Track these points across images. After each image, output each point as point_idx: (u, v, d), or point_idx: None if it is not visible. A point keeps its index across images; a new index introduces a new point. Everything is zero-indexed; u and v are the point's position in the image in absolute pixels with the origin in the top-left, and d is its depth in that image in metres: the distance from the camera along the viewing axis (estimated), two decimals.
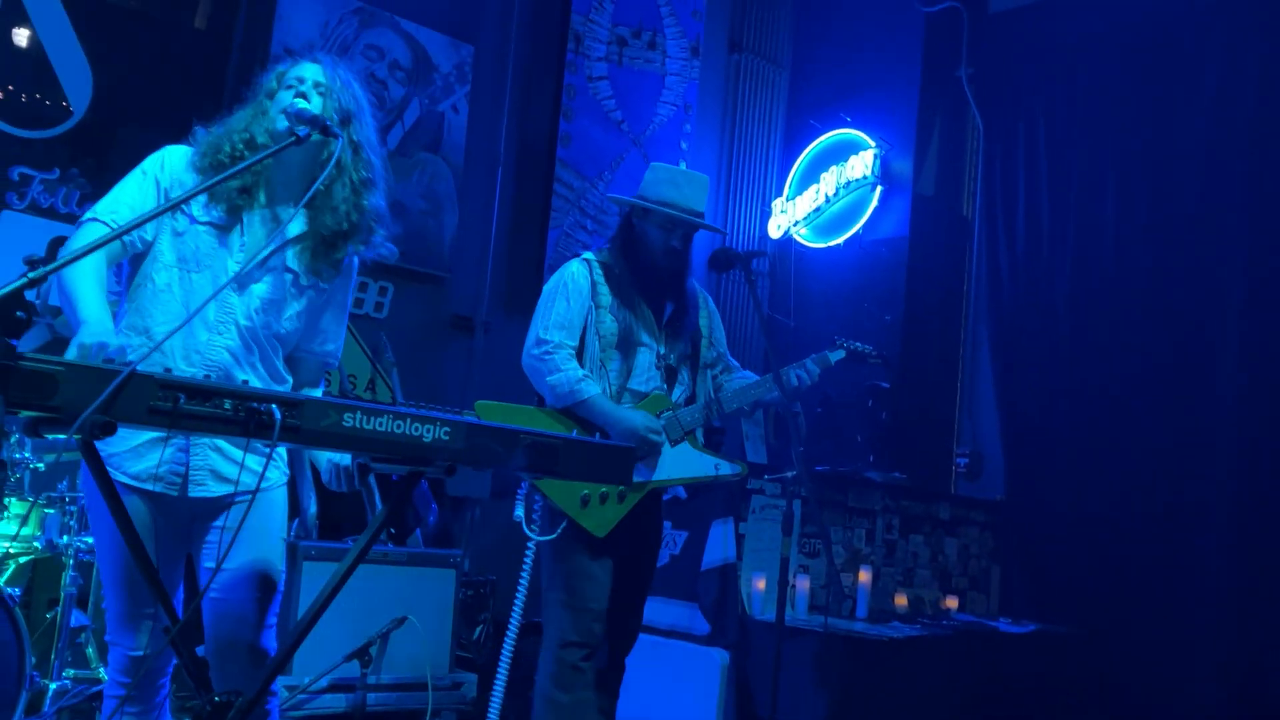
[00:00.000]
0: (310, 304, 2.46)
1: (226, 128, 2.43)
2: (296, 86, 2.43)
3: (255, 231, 2.38)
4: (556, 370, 3.28)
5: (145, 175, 2.36)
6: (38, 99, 4.67)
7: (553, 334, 3.32)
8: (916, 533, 5.79)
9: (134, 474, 2.23)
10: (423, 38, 5.77)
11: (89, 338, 1.97)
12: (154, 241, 2.32)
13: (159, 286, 2.29)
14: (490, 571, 5.30)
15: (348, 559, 2.10)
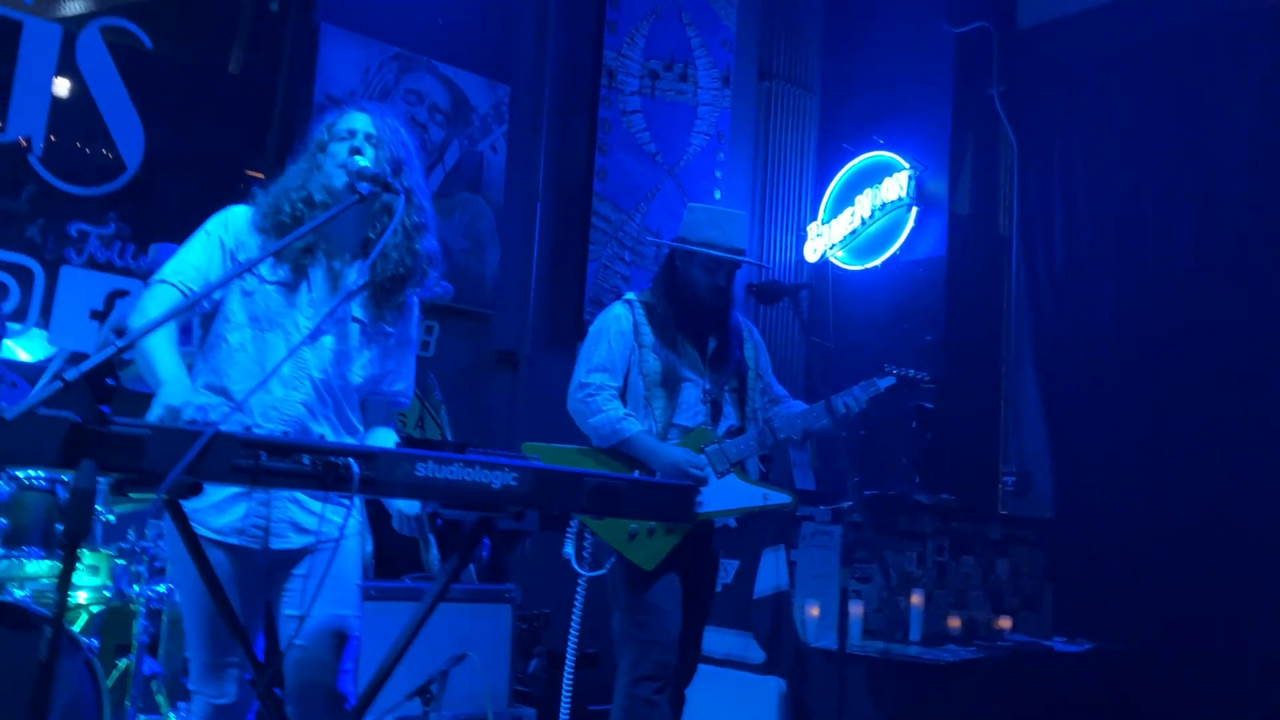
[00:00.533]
0: (379, 349, 2.52)
1: (283, 186, 2.48)
2: (348, 140, 2.49)
3: (320, 285, 2.44)
4: (598, 411, 3.35)
5: (210, 236, 2.43)
6: (93, 156, 4.80)
7: (593, 377, 3.39)
8: (967, 553, 5.77)
9: (217, 528, 2.29)
10: (460, 80, 5.87)
11: (171, 398, 2.04)
12: (222, 301, 2.38)
13: (234, 346, 2.35)
14: (542, 604, 5.33)
15: (425, 603, 2.15)
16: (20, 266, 4.58)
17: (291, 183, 2.48)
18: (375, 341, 2.51)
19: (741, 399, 3.55)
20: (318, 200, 2.41)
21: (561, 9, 6.44)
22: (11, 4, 4.64)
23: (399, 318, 2.56)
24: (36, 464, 1.95)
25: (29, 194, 4.97)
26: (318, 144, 2.53)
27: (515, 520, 2.20)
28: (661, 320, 3.47)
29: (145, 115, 4.89)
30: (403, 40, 5.66)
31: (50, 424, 1.69)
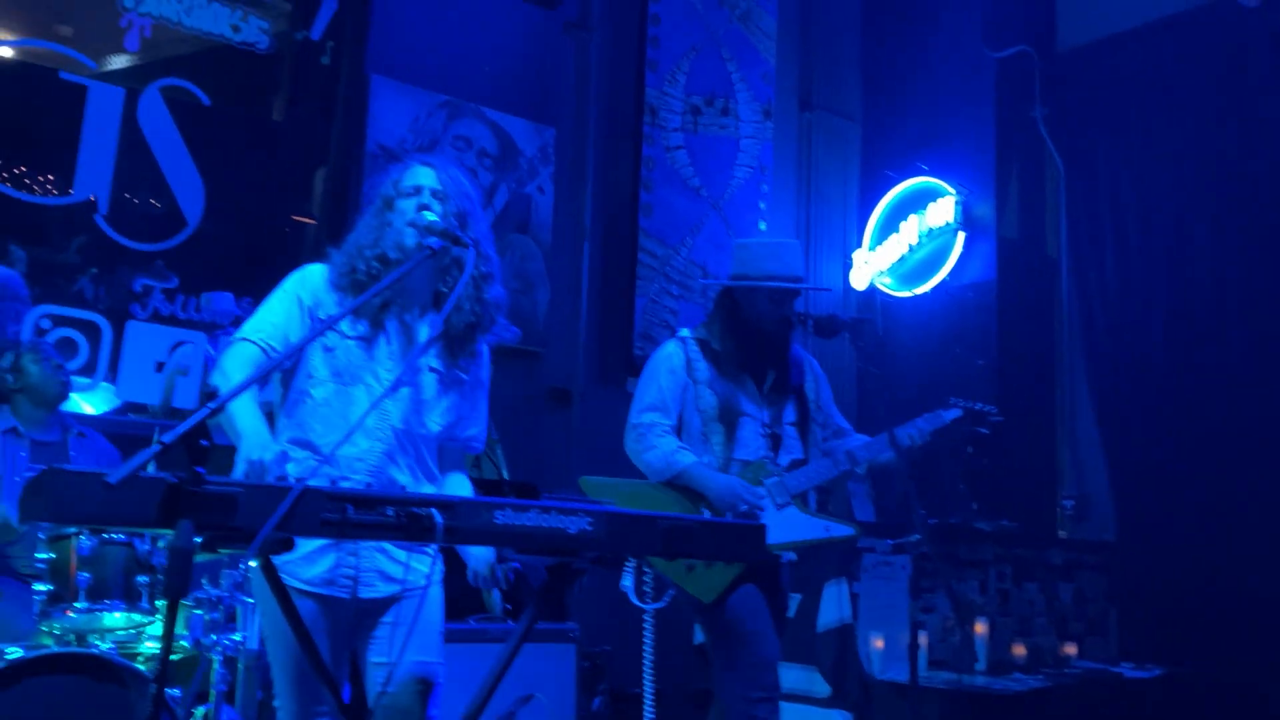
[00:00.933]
0: (455, 396, 2.57)
1: (356, 244, 2.54)
2: (415, 196, 2.54)
3: (396, 338, 2.50)
4: (651, 447, 3.39)
5: (288, 295, 2.49)
6: (156, 213, 4.93)
7: (645, 416, 3.43)
8: (1030, 580, 5.71)
9: (307, 579, 2.34)
10: (506, 124, 5.97)
11: (254, 451, 2.09)
12: (304, 358, 2.44)
13: (318, 401, 2.41)
14: (604, 641, 5.34)
15: (509, 646, 2.18)
16: (88, 323, 4.70)
17: (364, 240, 2.54)
18: (451, 389, 2.56)
19: (803, 431, 3.56)
20: (392, 258, 2.47)
21: (602, 50, 6.54)
22: (77, 69, 4.79)
23: (471, 364, 2.62)
24: (136, 525, 2.01)
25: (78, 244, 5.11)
26: (385, 200, 2.58)
27: (593, 565, 2.23)
28: (717, 355, 3.49)
29: (204, 171, 5.02)
30: (450, 88, 5.77)
31: (149, 486, 1.75)
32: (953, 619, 5.07)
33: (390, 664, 2.32)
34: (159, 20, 4.95)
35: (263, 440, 2.17)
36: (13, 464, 3.76)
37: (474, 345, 2.61)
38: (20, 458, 3.79)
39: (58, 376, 3.92)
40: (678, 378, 3.47)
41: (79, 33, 5.18)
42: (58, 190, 4.78)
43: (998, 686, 4.51)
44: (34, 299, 4.74)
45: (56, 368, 3.92)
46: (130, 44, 4.89)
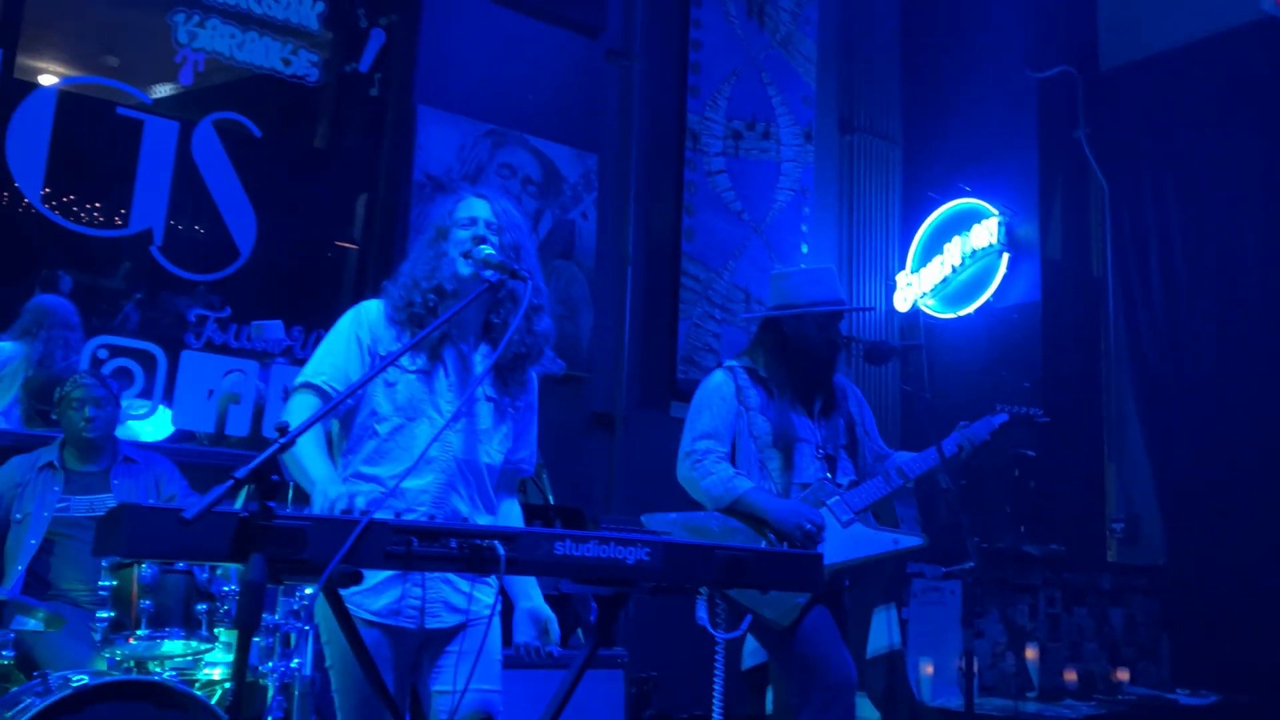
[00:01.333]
0: (510, 424, 2.61)
1: (412, 277, 2.56)
2: (471, 228, 2.57)
3: (454, 370, 2.53)
4: (708, 475, 3.39)
5: (347, 335, 2.51)
6: (209, 244, 5.03)
7: (700, 444, 3.44)
8: (1080, 605, 5.66)
9: (375, 610, 2.37)
10: (550, 152, 6.03)
11: (331, 490, 2.13)
12: (365, 396, 2.47)
13: (383, 436, 2.44)
14: (650, 667, 5.34)
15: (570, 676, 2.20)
16: (145, 352, 4.79)
17: (420, 272, 2.56)
18: (507, 418, 2.59)
19: (853, 453, 3.58)
20: (448, 289, 2.50)
21: (644, 77, 6.59)
22: (133, 105, 4.90)
23: (522, 392, 2.65)
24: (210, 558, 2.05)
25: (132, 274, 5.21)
26: (439, 230, 2.61)
27: (651, 595, 2.24)
28: (766, 382, 3.51)
29: (256, 201, 5.12)
30: (495, 117, 5.84)
31: (222, 521, 1.79)
32: (1003, 644, 5.02)
33: (453, 692, 2.34)
34: (212, 55, 5.06)
35: (334, 485, 2.22)
36: (41, 498, 3.80)
37: (524, 374, 2.63)
38: (53, 491, 3.83)
39: (84, 431, 3.88)
40: (730, 406, 3.48)
41: (134, 67, 5.31)
42: (115, 222, 4.89)
43: (1050, 713, 4.47)
44: (89, 329, 4.85)
45: (88, 421, 3.89)
46: (184, 78, 5.00)
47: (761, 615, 3.27)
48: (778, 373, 3.50)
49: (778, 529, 3.34)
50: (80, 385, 3.95)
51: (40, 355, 4.55)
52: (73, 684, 2.93)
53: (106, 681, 2.99)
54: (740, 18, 6.89)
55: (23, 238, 4.79)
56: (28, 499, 3.79)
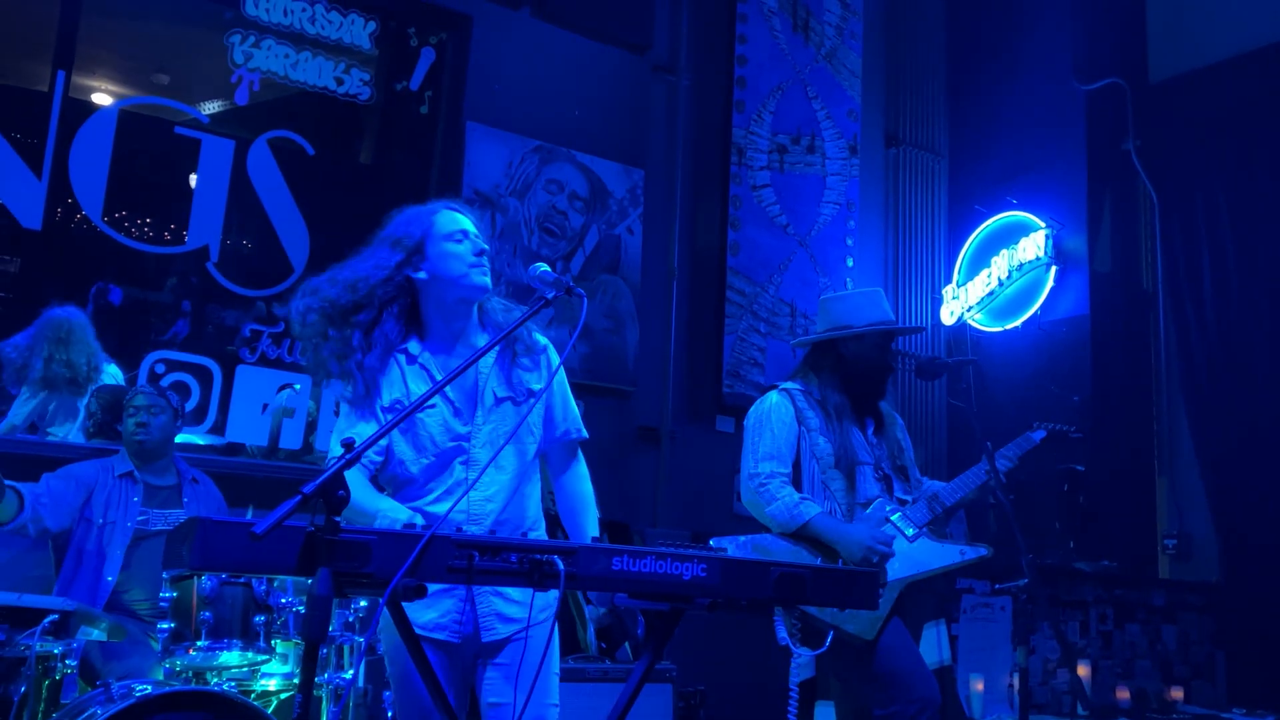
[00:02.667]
0: (539, 410, 2.59)
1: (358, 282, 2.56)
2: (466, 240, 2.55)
3: (457, 386, 2.50)
4: (774, 499, 3.39)
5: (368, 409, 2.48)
6: (264, 260, 5.12)
7: (763, 465, 3.43)
8: (1132, 621, 5.59)
9: (425, 624, 2.39)
10: (597, 168, 6.07)
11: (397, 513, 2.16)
12: (390, 451, 2.46)
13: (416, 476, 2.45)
14: (698, 681, 5.34)
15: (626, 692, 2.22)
16: (201, 367, 4.88)
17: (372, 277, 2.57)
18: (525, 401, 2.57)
19: (904, 476, 3.59)
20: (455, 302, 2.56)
21: (690, 93, 6.62)
22: (191, 124, 5.01)
23: (536, 366, 2.61)
24: (278, 571, 2.09)
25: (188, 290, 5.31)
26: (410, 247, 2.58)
27: (709, 611, 2.26)
28: (822, 405, 3.52)
29: (309, 218, 5.20)
30: (542, 133, 5.90)
31: (290, 535, 1.83)
32: (1054, 661, 4.97)
33: (506, 704, 2.36)
34: (267, 74, 5.16)
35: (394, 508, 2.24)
36: (125, 507, 3.88)
37: (533, 348, 2.61)
38: (134, 503, 3.91)
39: (136, 435, 3.97)
40: (790, 427, 3.49)
41: (190, 87, 5.42)
42: (172, 239, 4.99)
43: None
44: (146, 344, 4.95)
45: (140, 426, 3.97)
46: (240, 98, 5.10)
47: (844, 631, 3.27)
48: (832, 395, 3.52)
49: (845, 556, 3.34)
50: (140, 394, 4.06)
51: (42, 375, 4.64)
52: (136, 693, 2.99)
53: (168, 691, 3.04)
54: (785, 33, 6.91)
55: (83, 253, 4.90)
56: (112, 506, 3.86)
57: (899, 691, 3.26)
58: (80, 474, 3.91)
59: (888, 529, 3.41)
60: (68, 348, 4.68)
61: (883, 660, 3.30)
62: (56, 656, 3.24)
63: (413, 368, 2.51)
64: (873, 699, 3.35)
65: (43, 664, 3.23)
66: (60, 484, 3.84)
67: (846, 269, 6.99)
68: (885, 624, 3.31)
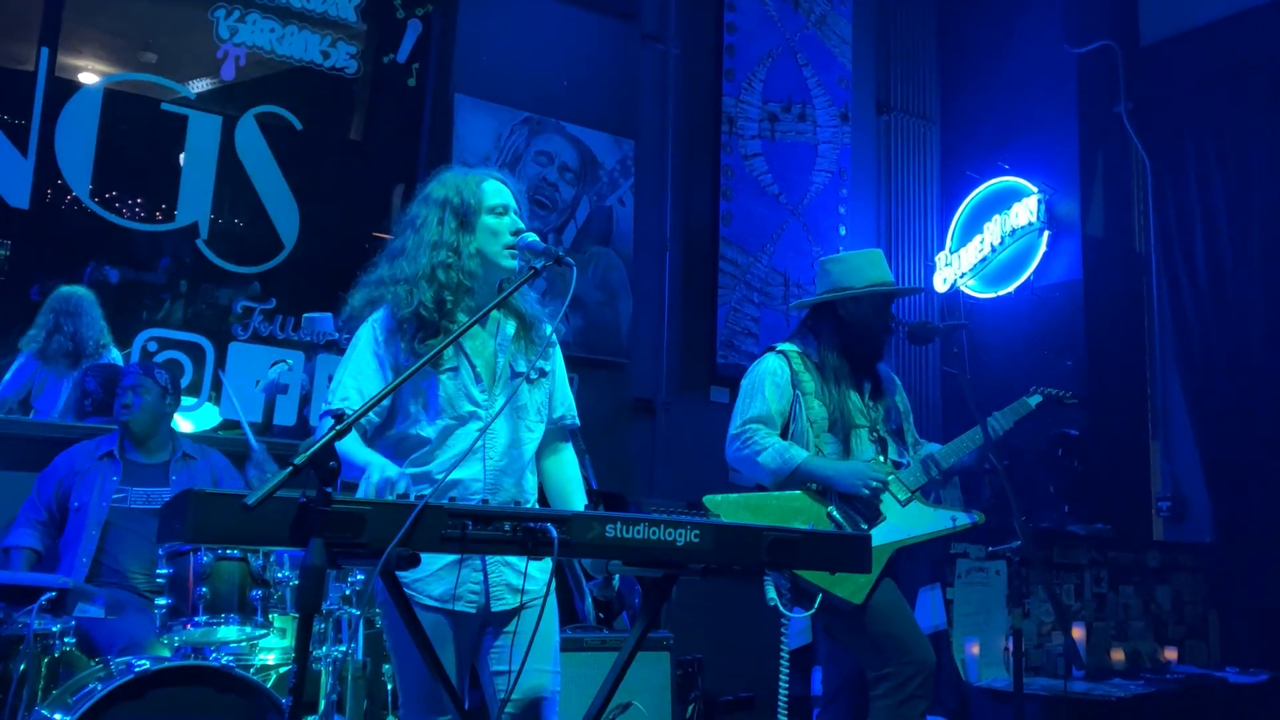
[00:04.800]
0: (544, 389, 2.63)
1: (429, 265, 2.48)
2: (506, 217, 2.55)
3: (475, 357, 2.52)
4: (761, 448, 3.41)
5: (367, 354, 2.48)
6: (254, 236, 5.10)
7: (748, 427, 3.45)
8: (1126, 583, 5.62)
9: (435, 596, 2.40)
10: (587, 138, 6.04)
11: (377, 474, 2.16)
12: (400, 404, 2.47)
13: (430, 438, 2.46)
14: (695, 649, 5.37)
15: (621, 657, 2.23)
16: (193, 344, 4.88)
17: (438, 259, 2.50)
18: (539, 386, 2.62)
19: (900, 439, 3.60)
20: (467, 286, 2.52)
21: (680, 62, 6.58)
22: (177, 101, 4.97)
23: (547, 347, 2.65)
24: (271, 543, 2.09)
25: (180, 269, 5.30)
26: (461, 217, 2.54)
27: (702, 577, 2.27)
28: (819, 368, 3.52)
29: (298, 194, 5.18)
30: (531, 104, 5.86)
31: (283, 506, 1.83)
32: (1049, 624, 5.01)
33: (510, 672, 2.38)
34: (253, 49, 5.12)
35: (384, 463, 2.25)
36: (99, 488, 3.89)
37: (542, 331, 2.62)
38: (110, 481, 3.91)
39: (120, 416, 3.99)
40: (784, 390, 3.50)
41: (176, 63, 5.38)
42: (161, 217, 4.97)
43: (1099, 692, 4.45)
44: (138, 322, 4.94)
45: (124, 407, 3.98)
46: (226, 73, 5.06)
47: (832, 594, 3.29)
48: (830, 357, 3.52)
49: (841, 490, 3.36)
50: (128, 373, 4.08)
51: (41, 348, 4.66)
52: (135, 669, 3.00)
53: (167, 666, 3.06)
54: (774, 0, 6.87)
55: (73, 233, 4.88)
56: (84, 488, 3.88)
57: (894, 654, 3.29)
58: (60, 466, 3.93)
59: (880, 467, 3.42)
60: (76, 320, 4.72)
61: (876, 622, 3.32)
62: (54, 634, 3.26)
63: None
64: (867, 661, 3.37)
65: (41, 641, 3.24)
66: (33, 511, 3.92)
67: (839, 237, 6.98)
68: (875, 587, 3.32)
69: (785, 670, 3.58)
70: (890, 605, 3.35)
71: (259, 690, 3.12)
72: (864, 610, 3.31)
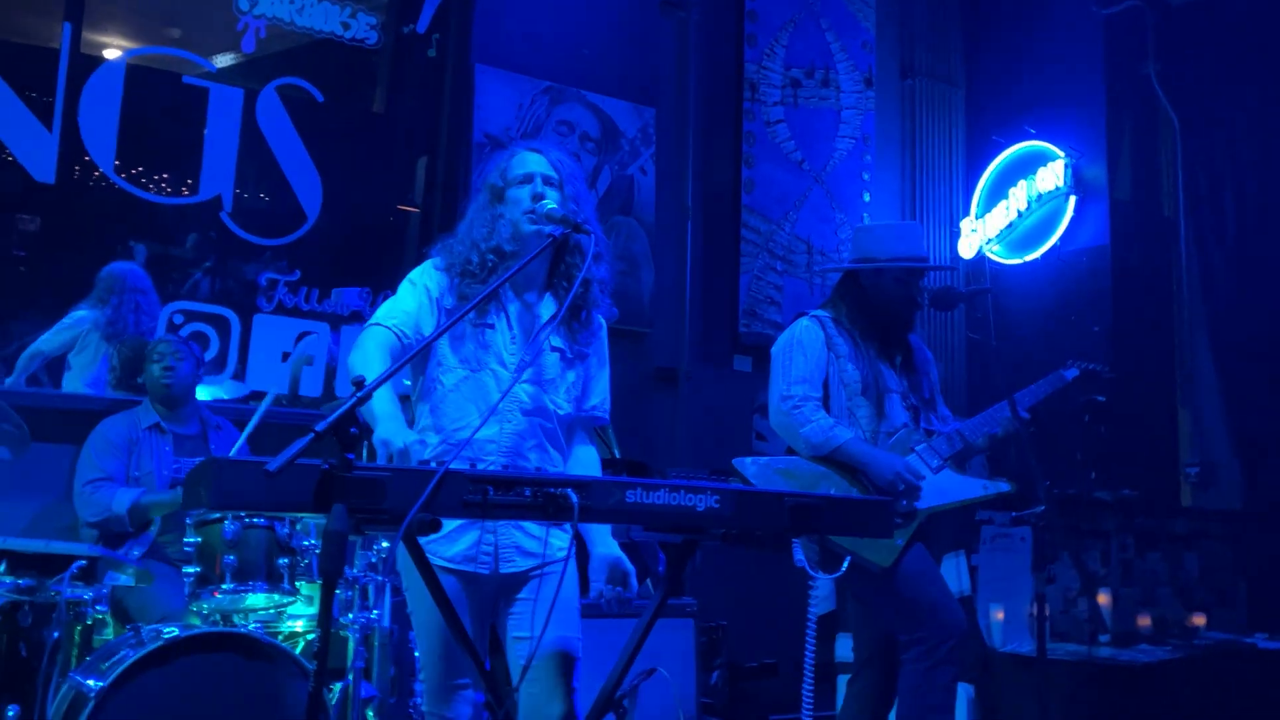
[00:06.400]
0: (578, 373, 2.64)
1: (469, 239, 2.58)
2: (529, 185, 2.58)
3: (518, 322, 2.57)
4: (807, 421, 3.41)
5: (417, 286, 2.57)
6: (277, 209, 5.12)
7: (796, 388, 3.44)
8: (1153, 550, 5.60)
9: (449, 556, 2.43)
10: (607, 107, 6.01)
11: (389, 436, 2.18)
12: (434, 348, 2.52)
13: (448, 388, 2.50)
14: (719, 616, 5.39)
15: (642, 623, 2.24)
16: (219, 316, 4.92)
17: (478, 234, 2.58)
18: (574, 365, 2.63)
19: (931, 408, 3.60)
20: (508, 251, 2.53)
21: (701, 28, 6.52)
22: (198, 74, 4.98)
23: (591, 339, 2.67)
24: (293, 510, 2.11)
25: (205, 241, 5.33)
26: (494, 191, 2.61)
27: (723, 542, 2.27)
28: (851, 333, 3.52)
29: (321, 166, 5.19)
30: (552, 74, 5.84)
31: (305, 472, 1.85)
32: (1075, 590, 4.99)
33: (531, 638, 2.40)
34: (273, 21, 5.12)
35: (397, 425, 2.25)
36: (159, 458, 3.97)
37: (591, 323, 2.65)
38: (166, 452, 4.00)
39: (163, 380, 4.07)
40: (820, 352, 3.50)
41: (197, 37, 5.39)
42: (185, 191, 4.99)
43: (1125, 658, 4.44)
44: (164, 296, 4.98)
45: (166, 370, 4.06)
46: (246, 46, 5.06)
47: (861, 557, 3.29)
48: (860, 324, 3.52)
49: (875, 479, 3.37)
50: (163, 342, 4.20)
51: (110, 320, 4.72)
52: (164, 636, 3.05)
53: (196, 633, 3.11)
54: None
55: (98, 208, 4.92)
56: (145, 457, 3.97)
57: (926, 618, 3.29)
58: (114, 438, 4.00)
59: (913, 460, 3.42)
60: (148, 297, 4.81)
61: (907, 586, 3.32)
62: (86, 602, 3.32)
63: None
64: (897, 625, 3.38)
65: (74, 609, 3.30)
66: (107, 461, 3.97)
67: (863, 204, 6.92)
68: (905, 551, 3.33)
69: (812, 636, 3.59)
70: (921, 571, 3.36)
71: (287, 656, 3.16)
72: (894, 574, 3.31)
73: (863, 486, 3.40)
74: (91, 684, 2.97)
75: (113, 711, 2.92)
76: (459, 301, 2.53)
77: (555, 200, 2.56)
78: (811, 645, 3.61)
